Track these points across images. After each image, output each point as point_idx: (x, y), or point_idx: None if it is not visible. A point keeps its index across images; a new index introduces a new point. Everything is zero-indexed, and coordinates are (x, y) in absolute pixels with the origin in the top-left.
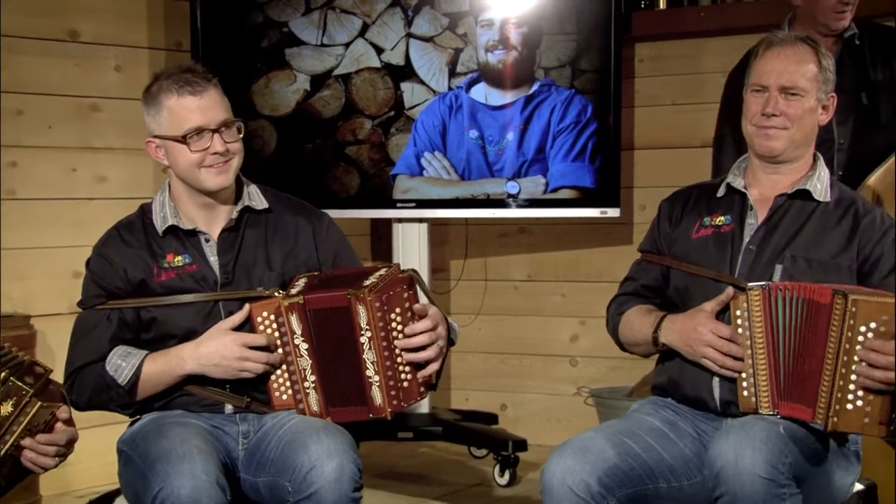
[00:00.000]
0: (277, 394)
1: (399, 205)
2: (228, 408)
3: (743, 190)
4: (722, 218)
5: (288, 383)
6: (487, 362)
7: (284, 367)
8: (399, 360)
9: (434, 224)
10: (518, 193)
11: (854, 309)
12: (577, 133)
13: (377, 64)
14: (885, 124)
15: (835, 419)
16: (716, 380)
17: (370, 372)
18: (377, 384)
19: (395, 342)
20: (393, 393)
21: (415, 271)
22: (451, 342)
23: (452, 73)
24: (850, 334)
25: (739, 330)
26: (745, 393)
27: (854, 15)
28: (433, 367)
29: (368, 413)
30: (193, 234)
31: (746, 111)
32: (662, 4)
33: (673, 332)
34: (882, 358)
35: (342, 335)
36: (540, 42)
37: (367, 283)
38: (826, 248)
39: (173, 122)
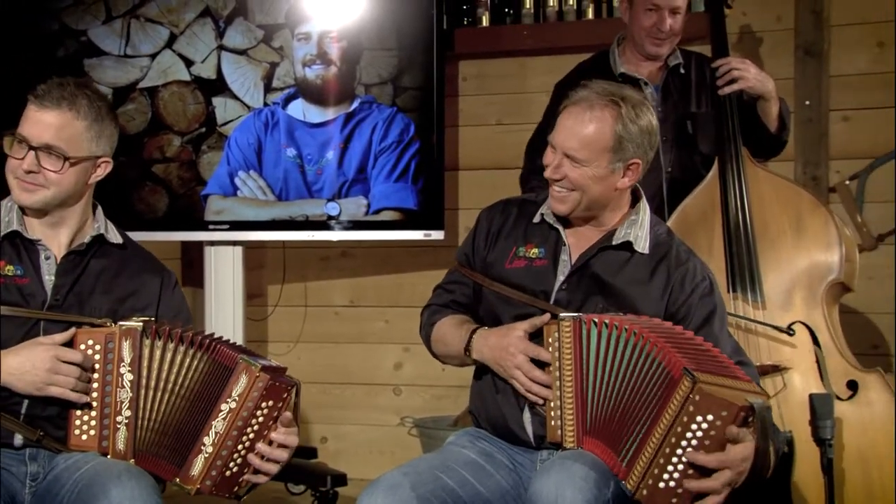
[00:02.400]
0: (78, 432)
1: (211, 227)
2: (18, 440)
3: (556, 225)
4: (536, 250)
5: (94, 420)
6: (307, 393)
7: (97, 397)
8: (241, 447)
9: (249, 247)
10: (338, 215)
11: (697, 398)
12: (399, 152)
13: (186, 77)
14: (706, 154)
15: (644, 491)
16: (527, 415)
17: (207, 440)
18: (206, 455)
19: (248, 429)
20: (214, 473)
21: (299, 384)
22: None
23: (268, 89)
24: (685, 419)
25: (549, 346)
26: (553, 423)
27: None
28: (261, 478)
29: (176, 476)
30: (34, 247)
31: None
32: (485, 22)
33: (485, 347)
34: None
35: (206, 390)
36: (360, 57)
37: (263, 361)
38: (635, 299)
39: (21, 122)
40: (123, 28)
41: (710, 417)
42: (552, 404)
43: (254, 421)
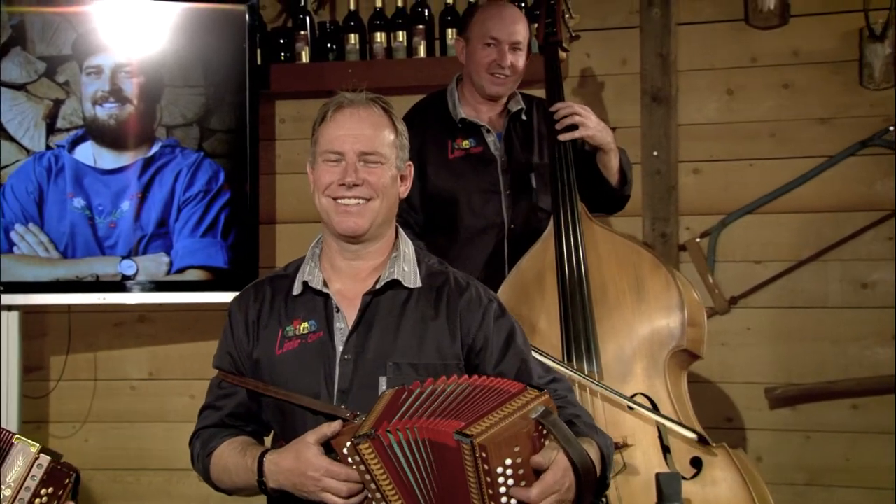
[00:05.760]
0: None
1: None
2: None
3: (323, 290)
4: (306, 324)
5: None
6: (96, 482)
7: None
8: None
9: (28, 312)
10: (135, 274)
11: (483, 454)
12: (206, 203)
13: None
14: (548, 209)
15: None
16: None
17: None
18: None
19: None
20: None
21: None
22: None
23: (51, 130)
24: (489, 480)
25: (353, 466)
26: None
27: (518, 88)
28: None
29: None
30: None
31: (318, 182)
32: (305, 58)
33: (280, 475)
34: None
35: None
36: (161, 95)
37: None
38: (429, 347)
39: None
40: None
41: (508, 461)
42: None
43: None
